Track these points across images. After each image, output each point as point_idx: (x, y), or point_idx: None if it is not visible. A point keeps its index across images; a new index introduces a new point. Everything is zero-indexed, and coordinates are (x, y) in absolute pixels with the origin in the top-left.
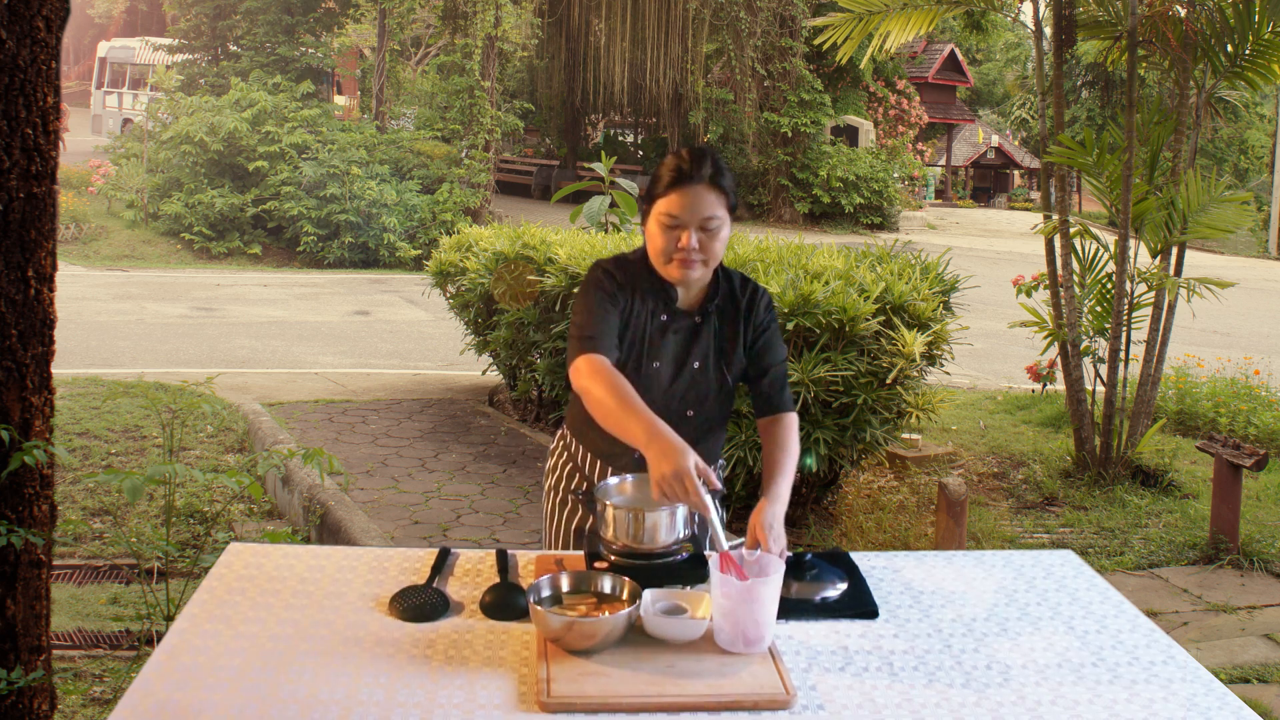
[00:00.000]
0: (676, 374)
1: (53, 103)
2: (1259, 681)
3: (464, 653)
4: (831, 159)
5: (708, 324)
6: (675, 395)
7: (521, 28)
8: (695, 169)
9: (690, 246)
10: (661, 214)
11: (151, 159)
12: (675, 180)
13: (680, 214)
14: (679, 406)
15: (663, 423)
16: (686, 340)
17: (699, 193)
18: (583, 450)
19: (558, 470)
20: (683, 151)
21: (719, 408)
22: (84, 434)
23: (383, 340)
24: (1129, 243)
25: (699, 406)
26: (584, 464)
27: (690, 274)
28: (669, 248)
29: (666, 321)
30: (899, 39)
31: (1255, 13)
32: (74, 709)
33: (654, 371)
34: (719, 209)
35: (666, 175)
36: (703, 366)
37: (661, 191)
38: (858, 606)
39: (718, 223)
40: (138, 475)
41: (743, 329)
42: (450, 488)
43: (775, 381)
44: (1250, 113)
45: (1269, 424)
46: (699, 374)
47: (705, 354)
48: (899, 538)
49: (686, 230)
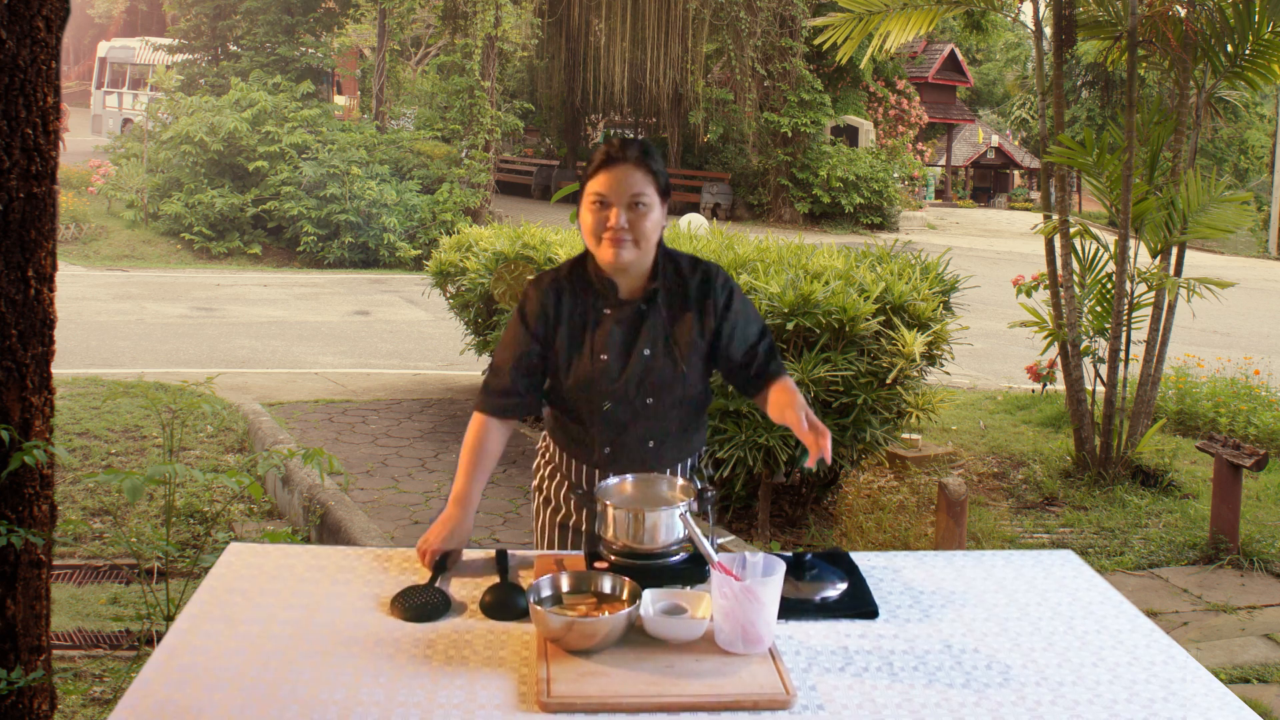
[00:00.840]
0: (625, 363)
1: (53, 103)
2: (1259, 681)
3: (464, 653)
4: (831, 159)
5: (654, 310)
6: (630, 384)
7: (521, 28)
8: (622, 150)
9: (619, 225)
10: (590, 194)
11: (151, 159)
12: (603, 162)
13: (607, 192)
14: (635, 395)
15: (467, 497)
16: (632, 328)
17: (626, 171)
18: (560, 450)
19: (540, 471)
20: (612, 139)
21: (684, 395)
22: (84, 434)
23: (383, 340)
24: (1129, 243)
25: (658, 394)
26: (561, 462)
27: (621, 253)
28: (598, 227)
29: (610, 313)
30: (899, 39)
31: (1255, 13)
32: (74, 709)
33: (603, 364)
34: (647, 188)
35: (596, 158)
36: (654, 354)
37: (591, 173)
38: (858, 606)
39: (646, 201)
40: (138, 475)
41: (697, 314)
42: (450, 488)
43: (760, 360)
44: (1250, 113)
45: (1269, 424)
46: (651, 361)
47: (654, 340)
48: (899, 538)
49: (614, 209)
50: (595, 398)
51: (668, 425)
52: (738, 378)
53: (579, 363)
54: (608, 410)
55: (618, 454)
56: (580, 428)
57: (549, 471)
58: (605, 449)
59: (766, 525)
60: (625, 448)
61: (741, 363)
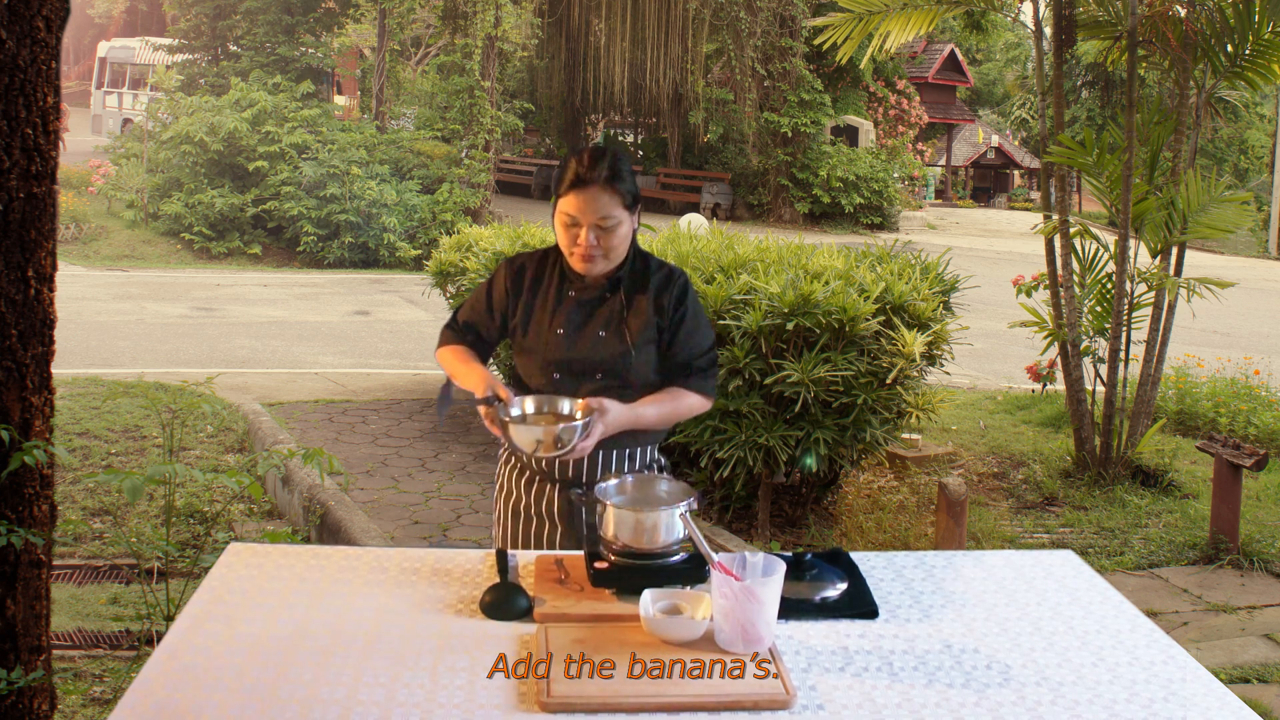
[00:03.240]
0: (579, 339)
1: (53, 103)
2: (1259, 681)
3: (464, 653)
4: (831, 159)
5: (614, 296)
6: (579, 357)
7: (521, 28)
8: (590, 172)
9: (589, 243)
10: (561, 212)
11: (151, 159)
12: (573, 182)
13: (576, 214)
14: (585, 369)
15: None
16: (591, 309)
17: (594, 194)
18: None
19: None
20: (583, 154)
21: (632, 379)
22: (84, 434)
23: (383, 340)
24: (1129, 243)
25: (605, 371)
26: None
27: (591, 267)
28: (569, 244)
29: (574, 295)
30: (899, 39)
31: (1255, 13)
32: (74, 709)
33: (558, 338)
34: (615, 209)
35: (567, 176)
36: (607, 334)
37: (562, 192)
38: (858, 606)
39: (613, 221)
40: (138, 475)
41: (653, 306)
42: (450, 488)
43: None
44: (1250, 113)
45: (1269, 424)
46: (602, 341)
47: (609, 323)
48: (899, 538)
49: (583, 229)
50: (546, 368)
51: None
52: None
53: (536, 334)
54: (558, 380)
55: None
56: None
57: (505, 457)
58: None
59: (766, 525)
60: None
61: (679, 364)
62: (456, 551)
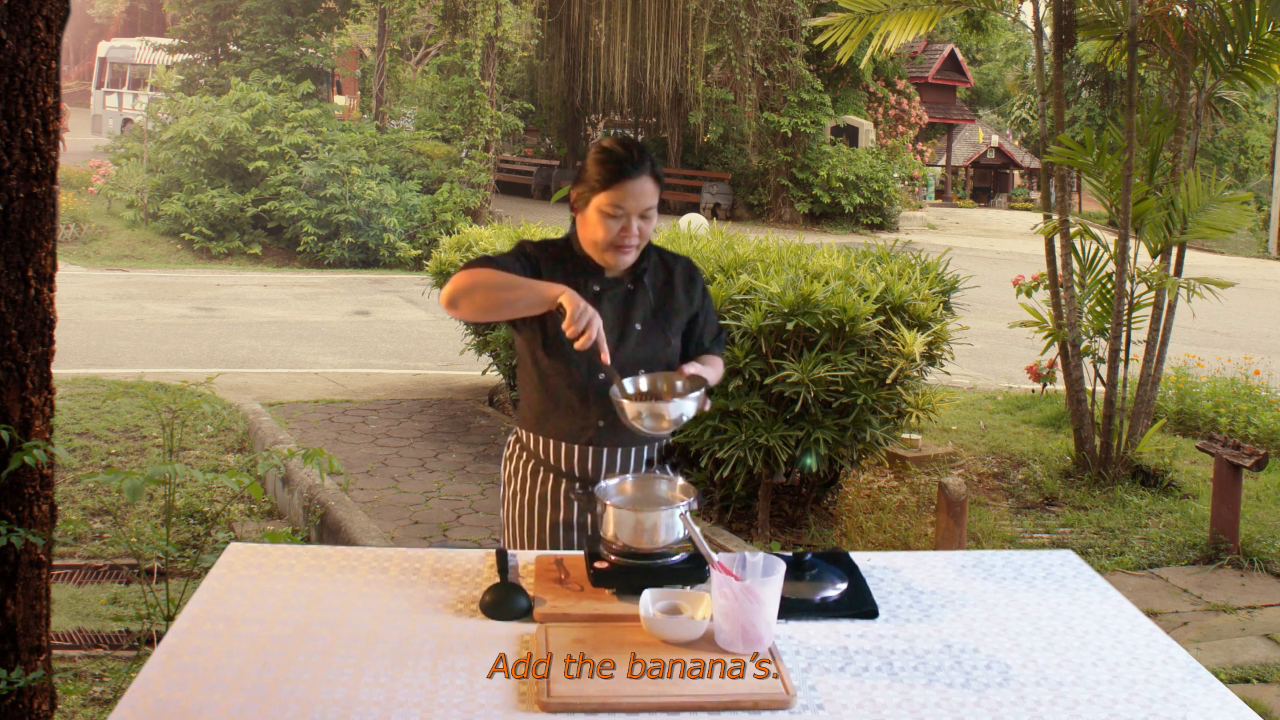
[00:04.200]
0: (621, 337)
1: (53, 103)
2: (1259, 681)
3: (464, 652)
4: (831, 159)
5: (641, 289)
6: (623, 358)
7: (521, 28)
8: (639, 163)
9: (634, 234)
10: (606, 205)
11: (151, 159)
12: (620, 173)
13: (626, 205)
14: (628, 367)
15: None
16: (624, 305)
17: (641, 185)
18: (544, 441)
19: (520, 473)
20: (614, 144)
21: (669, 368)
22: (84, 434)
23: (383, 340)
24: (1129, 243)
25: (648, 365)
26: (548, 455)
27: (625, 259)
28: (612, 237)
29: (600, 290)
30: (899, 39)
31: (1255, 13)
32: (74, 709)
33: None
34: (655, 198)
35: (609, 167)
36: (645, 329)
37: (604, 184)
38: (858, 606)
39: (653, 210)
40: (138, 475)
41: (685, 296)
42: (450, 488)
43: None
44: (1250, 113)
45: (1269, 424)
46: (642, 336)
47: (645, 316)
48: (899, 538)
49: (630, 219)
50: (586, 367)
51: None
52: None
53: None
54: (602, 380)
55: (611, 426)
56: (572, 408)
57: (531, 469)
58: (600, 421)
59: (766, 525)
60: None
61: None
62: (456, 551)
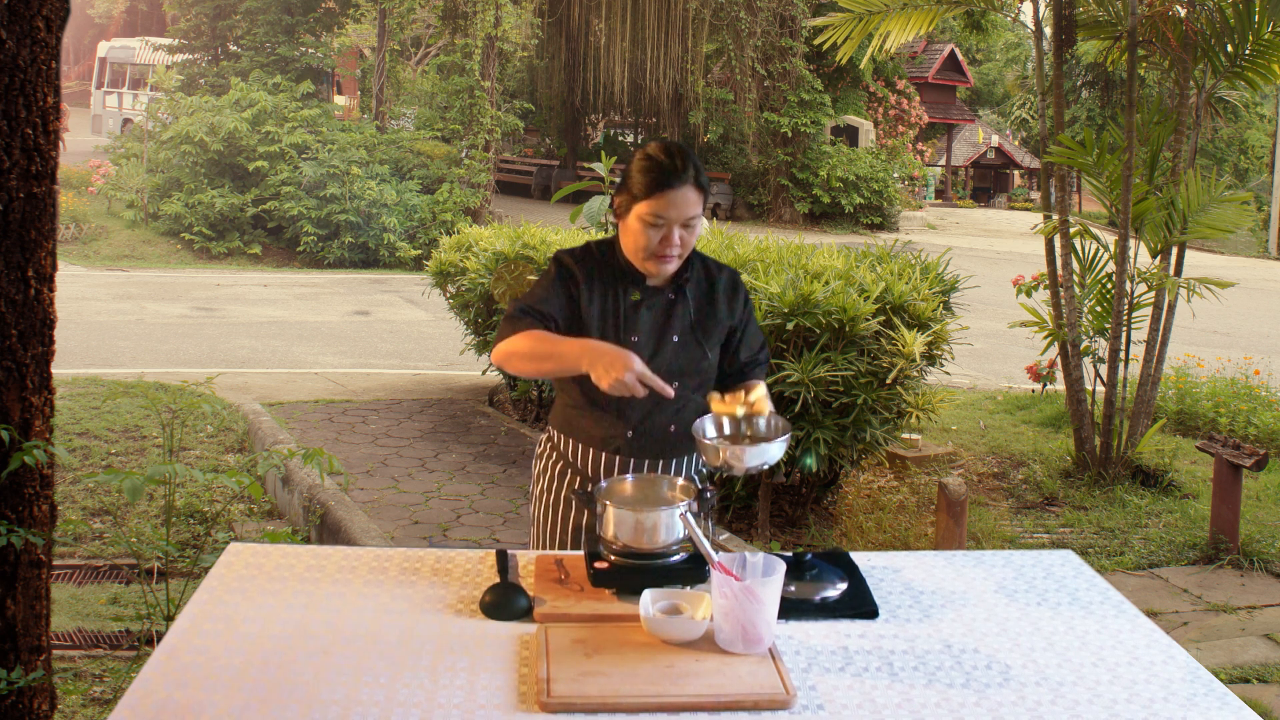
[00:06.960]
0: (658, 347)
1: (53, 103)
2: (1259, 681)
3: (464, 653)
4: (831, 159)
5: (682, 299)
6: (659, 368)
7: (521, 28)
8: (682, 172)
9: (676, 243)
10: (647, 214)
11: (151, 159)
12: (663, 182)
13: (669, 214)
14: (664, 378)
15: (593, 340)
16: (664, 314)
17: (685, 194)
18: (573, 443)
19: (549, 472)
20: (659, 151)
21: (704, 380)
22: (84, 434)
23: (383, 340)
24: (1129, 243)
25: (684, 377)
26: (576, 458)
27: (667, 268)
28: (653, 246)
29: (640, 299)
30: (899, 39)
31: (1255, 13)
32: (74, 709)
33: (633, 345)
34: (699, 207)
35: (652, 175)
36: (683, 340)
37: (647, 192)
38: (858, 606)
39: (697, 219)
40: (138, 475)
41: (727, 308)
42: (450, 488)
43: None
44: (1250, 113)
45: (1269, 424)
46: (679, 347)
47: (684, 327)
48: (899, 538)
49: (672, 228)
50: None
51: (688, 409)
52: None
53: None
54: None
55: (642, 437)
56: (602, 413)
57: (559, 470)
58: (629, 432)
59: (766, 525)
60: (649, 432)
61: (744, 362)
62: (456, 551)
